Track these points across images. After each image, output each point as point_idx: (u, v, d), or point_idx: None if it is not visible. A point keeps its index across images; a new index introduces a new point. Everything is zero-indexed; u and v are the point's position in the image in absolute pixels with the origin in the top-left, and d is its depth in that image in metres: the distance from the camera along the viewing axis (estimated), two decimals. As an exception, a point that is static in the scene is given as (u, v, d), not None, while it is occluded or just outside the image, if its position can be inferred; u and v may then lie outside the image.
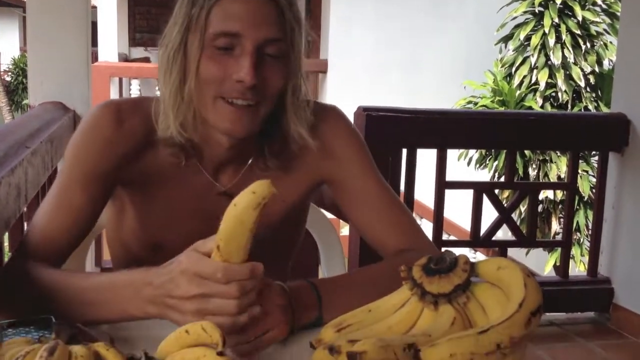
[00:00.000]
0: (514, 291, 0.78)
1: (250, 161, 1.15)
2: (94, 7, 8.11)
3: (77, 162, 1.09)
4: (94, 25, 7.31)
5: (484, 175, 5.70)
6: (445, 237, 3.01)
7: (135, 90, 7.51)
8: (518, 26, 6.12)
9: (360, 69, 7.63)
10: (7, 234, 1.49)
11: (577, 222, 5.33)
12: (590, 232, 3.12)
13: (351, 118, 2.65)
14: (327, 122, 1.17)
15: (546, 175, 5.55)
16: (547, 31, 5.85)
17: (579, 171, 4.17)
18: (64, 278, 1.00)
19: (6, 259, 1.56)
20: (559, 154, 5.50)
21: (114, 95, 7.55)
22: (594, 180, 4.16)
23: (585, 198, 5.37)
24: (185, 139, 1.07)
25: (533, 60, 5.95)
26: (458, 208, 3.52)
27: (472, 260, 0.86)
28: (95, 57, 8.15)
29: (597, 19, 5.97)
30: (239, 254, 0.86)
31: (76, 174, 1.08)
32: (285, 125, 1.10)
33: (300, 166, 1.17)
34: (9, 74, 14.27)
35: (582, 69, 5.85)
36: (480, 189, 2.89)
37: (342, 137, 1.18)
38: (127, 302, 0.93)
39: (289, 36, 1.04)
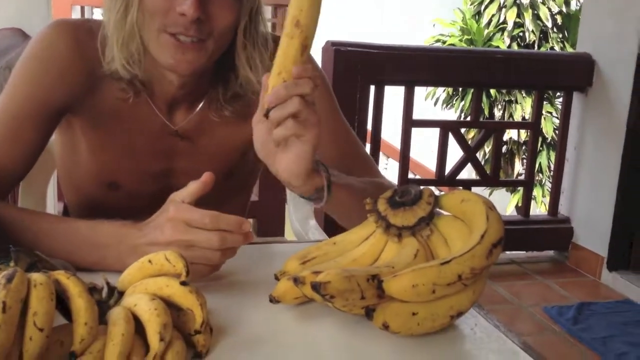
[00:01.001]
0: (476, 223, 0.79)
1: (202, 102, 1.10)
2: None
3: (28, 91, 1.02)
4: (53, -50, 7.01)
5: (450, 115, 5.73)
6: (411, 176, 3.03)
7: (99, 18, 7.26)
8: (488, -37, 6.05)
9: (329, 4, 7.49)
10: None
11: (540, 164, 5.42)
12: (552, 174, 3.18)
13: (319, 53, 2.63)
14: None
15: (511, 116, 5.60)
16: (516, -31, 5.81)
17: (543, 112, 4.21)
18: (32, 218, 0.96)
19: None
20: (524, 94, 5.54)
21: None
22: (557, 121, 4.21)
23: (549, 139, 5.45)
24: (132, 75, 1.01)
25: (502, -1, 5.92)
26: (424, 148, 3.55)
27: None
28: (55, -15, 7.84)
29: (568, -42, 5.94)
30: (314, 25, 0.83)
31: (27, 106, 1.01)
32: (238, 71, 1.04)
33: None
34: (-36, 0, 13.71)
35: (549, 9, 5.84)
36: (446, 128, 2.91)
37: None
38: (106, 250, 0.90)
39: None
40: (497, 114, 5.67)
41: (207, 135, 1.12)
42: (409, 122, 2.80)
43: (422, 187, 0.86)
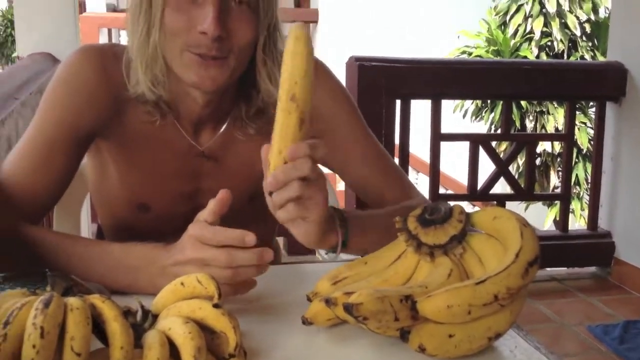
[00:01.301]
0: (511, 241, 0.78)
1: (227, 121, 1.11)
2: (82, -44, 7.91)
3: (57, 116, 1.04)
4: (82, -25, 7.13)
5: (480, 128, 5.68)
6: (442, 191, 3.00)
7: (124, 41, 7.35)
8: (513, -27, 6.02)
9: (352, 19, 7.51)
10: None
11: (577, 176, 5.34)
12: (589, 186, 3.11)
13: (343, 69, 2.63)
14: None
15: (543, 127, 5.54)
16: (542, -22, 5.76)
17: (577, 123, 4.15)
18: (67, 242, 0.98)
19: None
20: (556, 105, 5.47)
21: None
22: (593, 132, 4.16)
23: (584, 151, 5.37)
24: (157, 96, 1.03)
25: (527, 8, 5.87)
26: (454, 162, 3.52)
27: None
28: (83, 8, 7.99)
29: (593, -35, 5.88)
30: (309, 97, 0.81)
31: (57, 131, 1.03)
32: (260, 87, 1.05)
33: None
34: (-3, 25, 14.01)
35: (577, 17, 5.77)
36: (476, 141, 2.88)
37: (326, 92, 1.12)
38: (138, 272, 0.92)
39: None
40: (529, 125, 5.61)
41: (233, 155, 1.13)
42: (437, 136, 2.78)
43: (452, 204, 0.85)
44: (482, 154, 2.86)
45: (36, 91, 1.71)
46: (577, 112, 3.35)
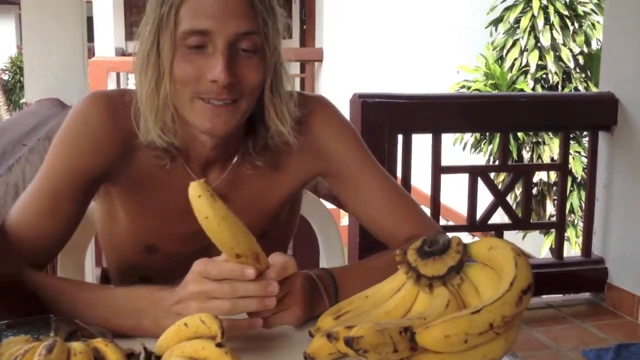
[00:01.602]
0: (505, 270, 0.79)
1: (235, 159, 1.12)
2: (89, 2, 8.03)
3: (64, 165, 1.05)
4: (90, 20, 7.22)
5: (479, 160, 5.71)
6: (442, 222, 3.02)
7: (132, 84, 7.40)
8: (508, 9, 6.11)
9: (355, 57, 7.60)
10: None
11: (572, 204, 5.35)
12: (583, 213, 3.13)
13: (347, 105, 2.67)
14: (315, 114, 1.13)
15: (539, 157, 5.57)
16: (535, 13, 5.84)
17: (572, 152, 4.19)
18: (72, 287, 1.01)
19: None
20: (551, 135, 5.51)
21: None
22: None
23: (579, 179, 5.39)
24: (167, 143, 1.04)
25: (523, 42, 5.95)
26: (454, 193, 3.53)
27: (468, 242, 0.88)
28: (92, 53, 8.08)
29: (585, -1, 5.98)
30: (240, 246, 0.86)
31: (64, 179, 1.04)
32: (267, 123, 1.07)
33: (290, 162, 1.13)
34: (7, 72, 14.11)
35: (571, 50, 5.85)
36: (475, 173, 2.90)
37: (332, 130, 1.14)
38: (142, 314, 0.93)
39: (262, 28, 0.99)
40: (526, 155, 5.64)
41: (242, 191, 1.13)
42: (437, 170, 2.80)
43: (450, 236, 0.87)
44: (481, 185, 2.89)
45: (44, 137, 1.72)
46: (572, 142, 3.39)
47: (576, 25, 5.90)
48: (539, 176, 5.46)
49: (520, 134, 5.46)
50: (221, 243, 0.86)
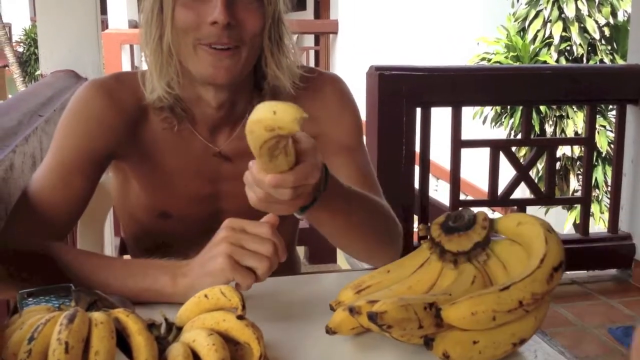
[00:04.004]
0: (535, 247, 0.77)
1: (244, 120, 1.11)
2: (102, -26, 7.98)
3: (70, 144, 1.08)
4: (102, -8, 7.20)
5: (499, 134, 5.65)
6: (462, 197, 2.99)
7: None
8: (530, -22, 6.00)
9: (371, 29, 7.52)
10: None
11: (596, 179, 5.28)
12: (609, 189, 3.09)
13: (363, 78, 2.63)
14: (326, 82, 1.16)
15: (563, 131, 5.49)
16: (559, -17, 5.73)
17: (597, 126, 4.11)
18: (88, 255, 1.03)
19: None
20: (575, 109, 5.43)
21: (125, 62, 7.52)
22: (612, 135, 4.10)
23: (604, 154, 5.31)
24: (174, 100, 1.06)
25: (546, 13, 5.83)
26: (474, 168, 3.49)
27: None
28: (105, 25, 8.09)
29: (611, -32, 5.84)
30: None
31: (73, 156, 1.07)
32: (268, 74, 1.08)
33: None
34: (21, 44, 14.20)
35: (596, 21, 5.73)
36: (496, 147, 2.86)
37: (341, 99, 1.17)
38: (158, 271, 0.94)
39: None
40: (549, 129, 5.56)
41: (250, 154, 1.13)
42: (457, 144, 2.76)
43: (476, 211, 0.85)
44: (502, 159, 2.85)
45: (59, 108, 1.72)
46: (597, 116, 3.32)
47: (602, -5, 5.78)
48: (562, 151, 5.39)
49: (542, 108, 5.39)
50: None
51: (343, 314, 0.82)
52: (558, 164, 5.45)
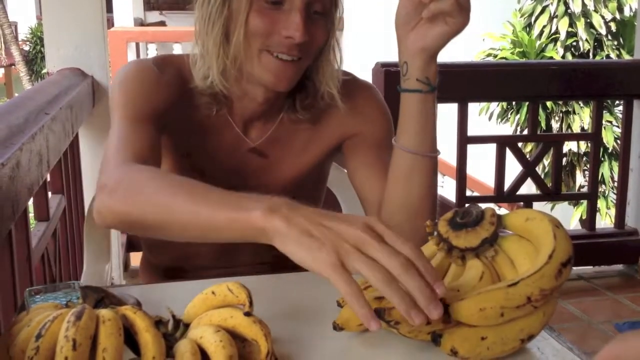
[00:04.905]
0: (543, 242, 0.76)
1: (280, 116, 1.17)
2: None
3: (132, 101, 1.07)
4: (108, -10, 7.22)
5: (506, 130, 5.64)
6: (468, 193, 2.98)
7: (152, 54, 7.48)
8: (537, -26, 5.98)
9: (377, 25, 7.50)
10: (31, 201, 1.49)
11: (602, 174, 5.27)
12: (615, 184, 3.08)
13: (369, 74, 2.63)
14: (364, 92, 1.20)
15: (569, 127, 5.48)
16: (566, -22, 5.72)
17: (603, 122, 4.10)
18: (182, 182, 0.92)
19: (32, 228, 1.57)
20: (581, 105, 5.41)
21: (131, 60, 7.54)
22: (618, 131, 4.09)
23: (610, 149, 5.30)
24: (221, 89, 1.08)
25: (552, 8, 5.83)
26: (481, 164, 3.49)
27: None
28: (111, 23, 8.11)
29: (618, -36, 5.82)
30: None
31: (136, 109, 1.06)
32: (317, 81, 1.12)
33: (328, 120, 1.18)
34: (27, 43, 14.24)
35: (602, 17, 5.71)
36: (503, 143, 2.86)
37: (375, 104, 1.21)
38: (258, 204, 0.77)
39: None
40: (555, 125, 5.55)
41: (280, 149, 1.18)
42: (464, 140, 2.76)
43: (483, 207, 0.84)
44: (508, 155, 2.84)
45: (66, 106, 1.72)
46: (603, 111, 3.31)
47: (608, -10, 5.76)
48: (568, 146, 5.38)
49: (549, 103, 5.37)
50: None
51: (350, 310, 0.81)
52: (564, 160, 5.44)
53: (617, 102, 5.06)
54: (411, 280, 0.69)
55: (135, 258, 3.15)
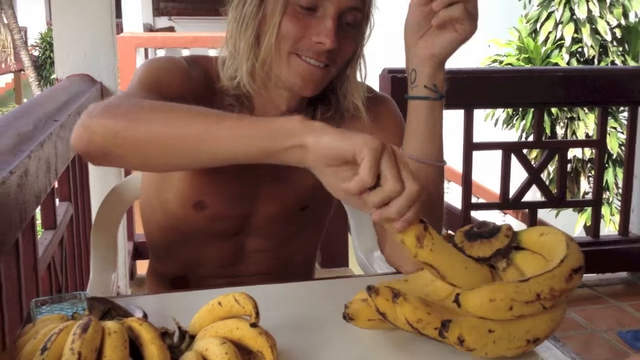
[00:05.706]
0: (556, 251, 0.78)
1: None
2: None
3: (152, 78, 1.05)
4: (117, -5, 7.23)
5: (511, 135, 5.63)
6: (473, 200, 2.98)
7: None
8: (542, -20, 5.99)
9: (384, 31, 7.51)
10: (38, 209, 1.49)
11: (607, 181, 5.26)
12: (619, 191, 3.07)
13: (376, 81, 2.63)
14: (383, 104, 1.20)
15: (574, 133, 5.48)
16: (571, -16, 5.72)
17: (607, 128, 4.09)
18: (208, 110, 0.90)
19: (39, 236, 1.57)
20: (586, 111, 5.40)
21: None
22: (623, 137, 4.08)
23: (614, 156, 5.29)
24: (247, 90, 1.09)
25: (558, 15, 5.82)
26: (486, 171, 3.48)
27: (501, 223, 0.86)
28: (120, 29, 8.12)
29: (623, -31, 5.81)
30: None
31: (151, 85, 1.03)
32: (341, 93, 1.13)
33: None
34: (37, 48, 14.29)
35: (608, 23, 5.71)
36: (508, 149, 2.85)
37: (393, 116, 1.21)
38: (291, 119, 0.79)
39: (367, 7, 1.07)
40: (560, 131, 5.55)
41: None
42: (469, 146, 2.75)
43: (500, 224, 0.86)
44: (513, 161, 2.84)
45: (75, 113, 1.71)
46: (608, 118, 3.30)
47: (613, -4, 5.76)
48: (573, 153, 5.37)
49: (553, 109, 5.37)
50: None
51: (362, 303, 0.82)
52: (569, 166, 5.43)
53: (621, 108, 5.05)
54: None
55: (142, 266, 3.16)
